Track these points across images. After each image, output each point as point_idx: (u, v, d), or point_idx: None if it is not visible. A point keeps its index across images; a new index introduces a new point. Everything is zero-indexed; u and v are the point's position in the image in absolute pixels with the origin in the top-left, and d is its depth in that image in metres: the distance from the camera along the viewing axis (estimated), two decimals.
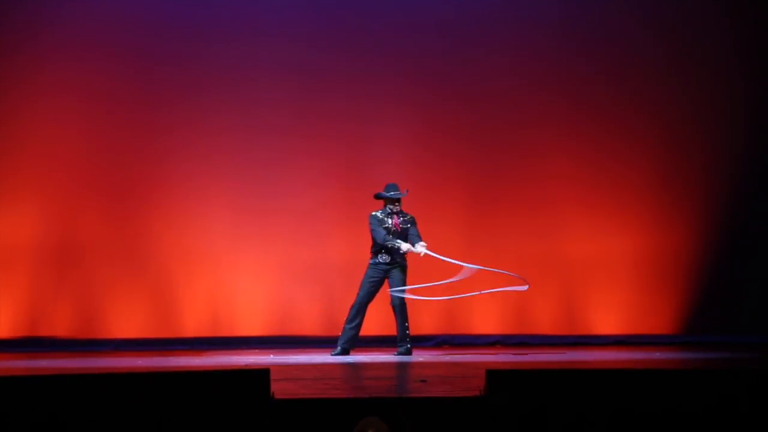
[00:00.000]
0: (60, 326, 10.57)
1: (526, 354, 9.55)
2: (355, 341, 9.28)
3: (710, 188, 11.09)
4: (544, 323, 10.97)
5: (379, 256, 9.25)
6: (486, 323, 10.95)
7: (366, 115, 10.95)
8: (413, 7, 11.12)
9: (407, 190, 9.37)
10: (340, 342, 9.22)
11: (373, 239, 9.24)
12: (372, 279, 9.25)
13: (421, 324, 10.83)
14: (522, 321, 10.97)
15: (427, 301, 10.73)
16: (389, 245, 9.15)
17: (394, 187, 9.33)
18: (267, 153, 10.93)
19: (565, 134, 11.08)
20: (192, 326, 10.72)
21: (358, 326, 9.24)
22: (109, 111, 10.76)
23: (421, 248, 9.23)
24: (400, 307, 9.26)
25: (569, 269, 10.99)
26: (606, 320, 10.98)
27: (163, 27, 10.89)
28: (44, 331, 10.55)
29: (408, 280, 9.32)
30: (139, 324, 10.63)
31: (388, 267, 9.26)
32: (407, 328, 9.31)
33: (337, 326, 9.74)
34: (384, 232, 9.19)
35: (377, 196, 9.36)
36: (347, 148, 10.93)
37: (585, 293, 11.01)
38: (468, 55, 11.09)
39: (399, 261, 9.28)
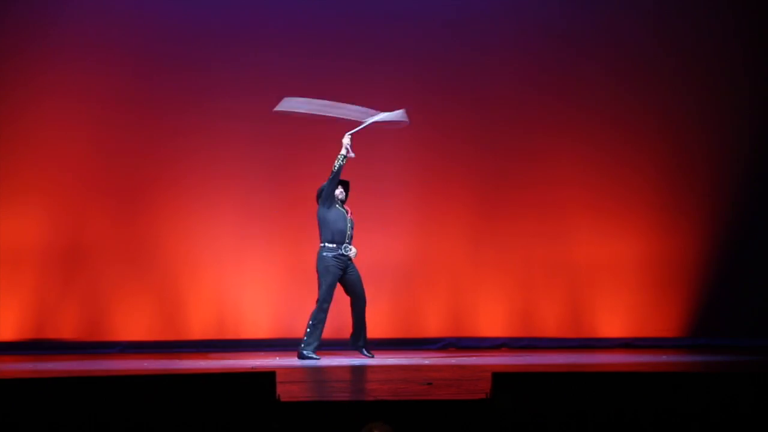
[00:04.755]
0: (66, 329, 10.59)
1: (532, 356, 9.54)
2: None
3: (716, 192, 11.08)
4: (550, 326, 10.97)
5: (343, 248, 9.11)
6: (492, 326, 10.95)
7: None
8: (419, 11, 11.13)
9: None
10: (312, 345, 9.02)
11: (327, 189, 9.09)
12: (337, 274, 9.00)
13: (426, 326, 10.84)
14: (528, 323, 10.97)
15: (432, 304, 10.75)
16: (339, 162, 9.05)
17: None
18: (273, 156, 10.94)
19: (571, 138, 11.09)
20: (198, 329, 10.73)
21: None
22: (116, 113, 10.79)
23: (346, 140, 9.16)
24: (365, 302, 9.12)
25: (575, 272, 10.99)
26: (612, 323, 10.98)
27: (171, 30, 10.91)
28: (50, 334, 10.57)
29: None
30: (145, 326, 10.65)
31: (350, 262, 9.10)
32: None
33: (343, 329, 9.74)
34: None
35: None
36: (353, 151, 10.92)
37: (591, 296, 11.01)
38: (474, 58, 11.10)
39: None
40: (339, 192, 9.23)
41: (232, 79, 10.94)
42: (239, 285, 10.82)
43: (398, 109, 9.53)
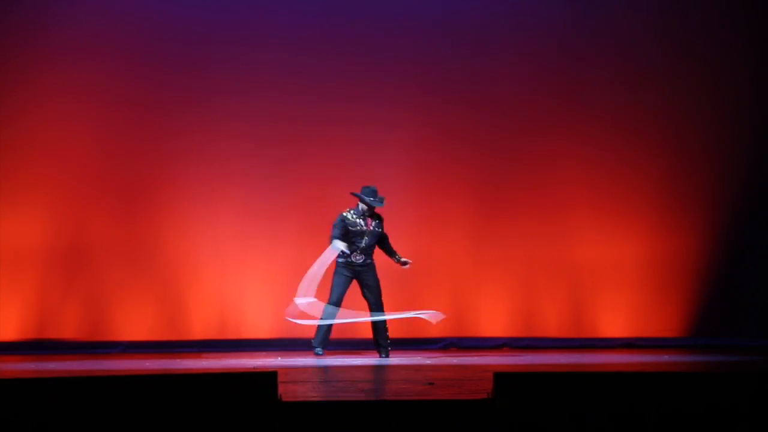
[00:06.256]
0: (68, 329, 10.60)
1: (534, 356, 9.54)
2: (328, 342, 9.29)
3: (717, 192, 11.08)
4: (552, 326, 10.97)
5: (353, 256, 9.18)
6: (493, 326, 10.95)
7: (375, 120, 10.97)
8: (422, 13, 11.13)
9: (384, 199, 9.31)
10: (318, 343, 9.20)
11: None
12: (346, 278, 9.18)
13: (428, 326, 10.82)
14: (529, 323, 10.97)
15: (433, 304, 10.74)
16: (338, 249, 9.08)
17: (374, 192, 9.24)
18: (275, 156, 10.94)
19: (573, 139, 11.09)
20: (200, 329, 10.74)
21: (331, 327, 9.22)
22: (118, 113, 10.79)
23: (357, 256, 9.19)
24: (380, 309, 9.24)
25: (577, 272, 10.99)
26: (613, 323, 10.98)
27: (173, 31, 10.92)
28: (52, 334, 10.58)
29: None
30: (147, 326, 10.66)
31: (362, 268, 9.20)
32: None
33: (346, 330, 9.76)
34: (338, 233, 9.11)
35: (360, 196, 9.24)
36: (355, 152, 10.95)
37: (593, 296, 11.01)
38: (476, 60, 11.11)
39: (371, 262, 9.23)
40: (362, 207, 9.25)
41: (233, 79, 10.94)
42: (241, 285, 10.82)
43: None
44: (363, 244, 9.23)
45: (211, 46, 10.90)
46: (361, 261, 9.21)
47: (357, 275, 9.23)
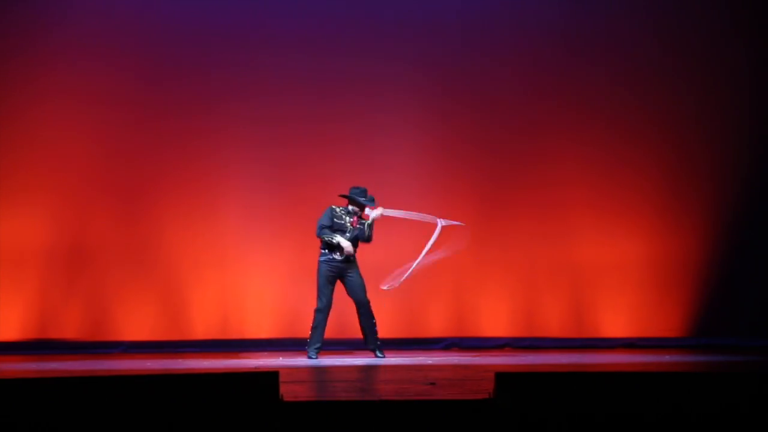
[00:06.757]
0: (69, 328, 10.61)
1: (536, 356, 9.54)
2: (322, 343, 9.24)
3: (718, 192, 11.08)
4: (554, 326, 10.97)
5: (334, 253, 9.15)
6: (495, 326, 10.95)
7: (376, 121, 10.98)
8: (423, 15, 11.13)
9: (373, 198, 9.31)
10: (312, 347, 9.14)
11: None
12: (329, 278, 9.14)
13: (429, 326, 10.85)
14: (531, 323, 10.97)
15: (435, 304, 10.75)
16: (326, 239, 9.06)
17: (363, 192, 9.24)
18: (276, 157, 10.95)
19: (573, 139, 11.10)
20: (201, 329, 10.74)
21: (324, 329, 9.18)
22: (120, 114, 10.81)
23: (373, 213, 9.15)
24: (365, 307, 9.20)
25: (578, 272, 10.99)
26: (615, 323, 10.98)
27: (173, 31, 10.93)
28: (54, 334, 10.59)
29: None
30: (149, 326, 10.66)
31: (343, 265, 9.17)
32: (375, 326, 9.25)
33: (347, 329, 9.76)
34: (325, 225, 9.09)
35: (351, 197, 9.22)
36: (356, 153, 10.95)
37: (594, 296, 11.01)
38: (476, 60, 11.11)
39: (353, 259, 9.20)
40: (353, 208, 9.24)
41: (234, 81, 10.95)
42: (242, 285, 10.83)
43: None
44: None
45: (211, 46, 10.91)
46: (341, 258, 9.16)
47: (339, 272, 9.18)
